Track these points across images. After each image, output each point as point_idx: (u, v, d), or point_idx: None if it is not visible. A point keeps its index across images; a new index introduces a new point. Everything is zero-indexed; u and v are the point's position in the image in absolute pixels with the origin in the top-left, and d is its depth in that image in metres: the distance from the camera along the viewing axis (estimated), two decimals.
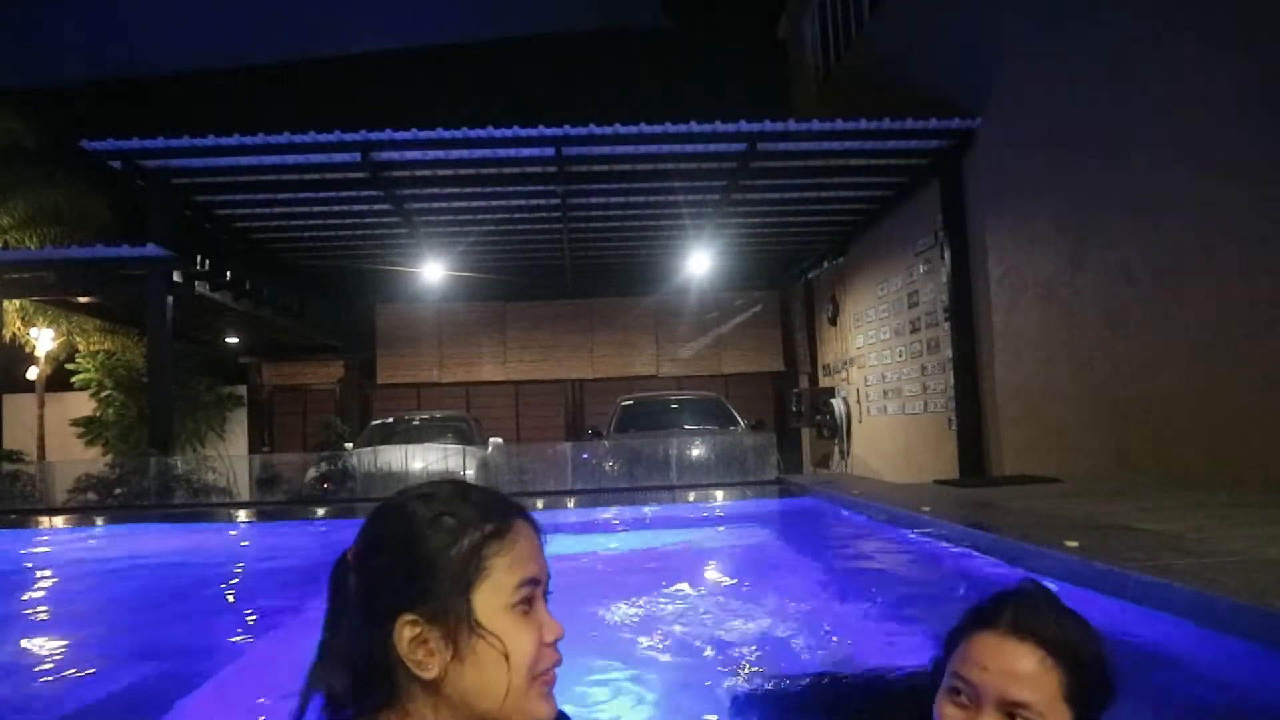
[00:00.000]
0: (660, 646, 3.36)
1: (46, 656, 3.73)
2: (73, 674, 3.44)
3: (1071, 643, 1.01)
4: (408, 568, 0.89)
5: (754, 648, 3.32)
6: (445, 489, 0.96)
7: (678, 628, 3.64)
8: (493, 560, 0.89)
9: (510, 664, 0.87)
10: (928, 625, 3.27)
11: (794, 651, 3.24)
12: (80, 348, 14.68)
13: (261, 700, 2.93)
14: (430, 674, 0.86)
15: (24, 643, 3.92)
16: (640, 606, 4.01)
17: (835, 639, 3.42)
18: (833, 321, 13.77)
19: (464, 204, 10.79)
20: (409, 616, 0.87)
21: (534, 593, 0.92)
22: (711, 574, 5.19)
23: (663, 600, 4.14)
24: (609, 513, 7.62)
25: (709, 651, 3.26)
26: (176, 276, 9.75)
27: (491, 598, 0.88)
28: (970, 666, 1.02)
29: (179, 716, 2.79)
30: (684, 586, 4.51)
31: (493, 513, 0.93)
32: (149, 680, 3.23)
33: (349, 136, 8.74)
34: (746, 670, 3.01)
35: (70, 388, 14.78)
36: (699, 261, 12.78)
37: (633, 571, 5.20)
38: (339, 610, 0.94)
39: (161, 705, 2.88)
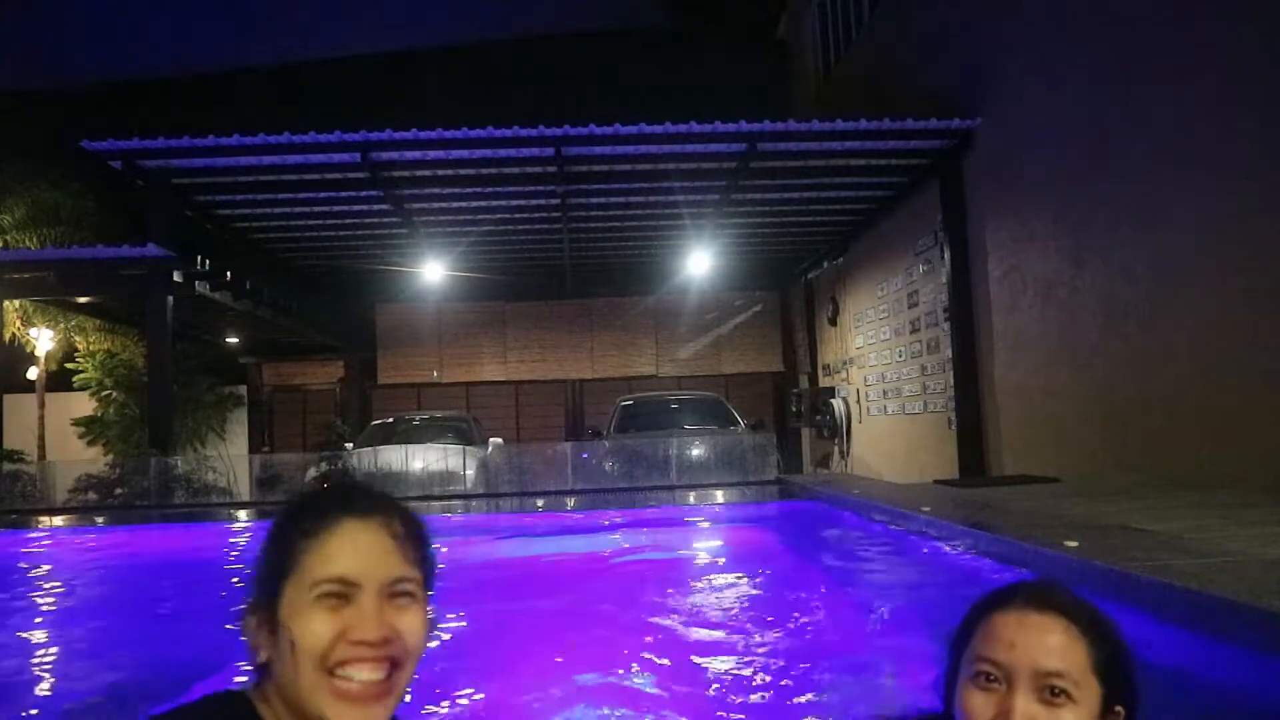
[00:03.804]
0: (658, 648, 3.36)
1: (46, 656, 3.73)
2: (72, 674, 3.44)
3: (1092, 614, 1.00)
4: (255, 564, 0.98)
5: (752, 649, 3.32)
6: (313, 491, 1.02)
7: (676, 629, 3.64)
8: (300, 557, 0.93)
9: (297, 651, 0.90)
10: (927, 626, 3.27)
11: (793, 654, 3.24)
12: (80, 348, 14.68)
13: None
14: (260, 659, 0.94)
15: (24, 643, 3.92)
16: (639, 608, 4.01)
17: (835, 641, 3.42)
18: (833, 321, 13.77)
19: (464, 204, 10.79)
20: (246, 607, 0.96)
21: (342, 591, 0.91)
22: (710, 575, 5.19)
23: (661, 602, 4.14)
24: (608, 513, 7.62)
25: (707, 653, 3.26)
26: (176, 276, 9.75)
27: (295, 593, 0.92)
28: (996, 646, 0.99)
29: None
30: (682, 588, 4.52)
31: (316, 511, 0.97)
32: (149, 680, 3.23)
33: (349, 136, 8.74)
34: (745, 676, 3.01)
35: (70, 388, 14.78)
36: (699, 261, 12.78)
37: (632, 573, 5.20)
38: None
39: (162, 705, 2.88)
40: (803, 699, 2.73)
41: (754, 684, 2.89)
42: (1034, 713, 0.95)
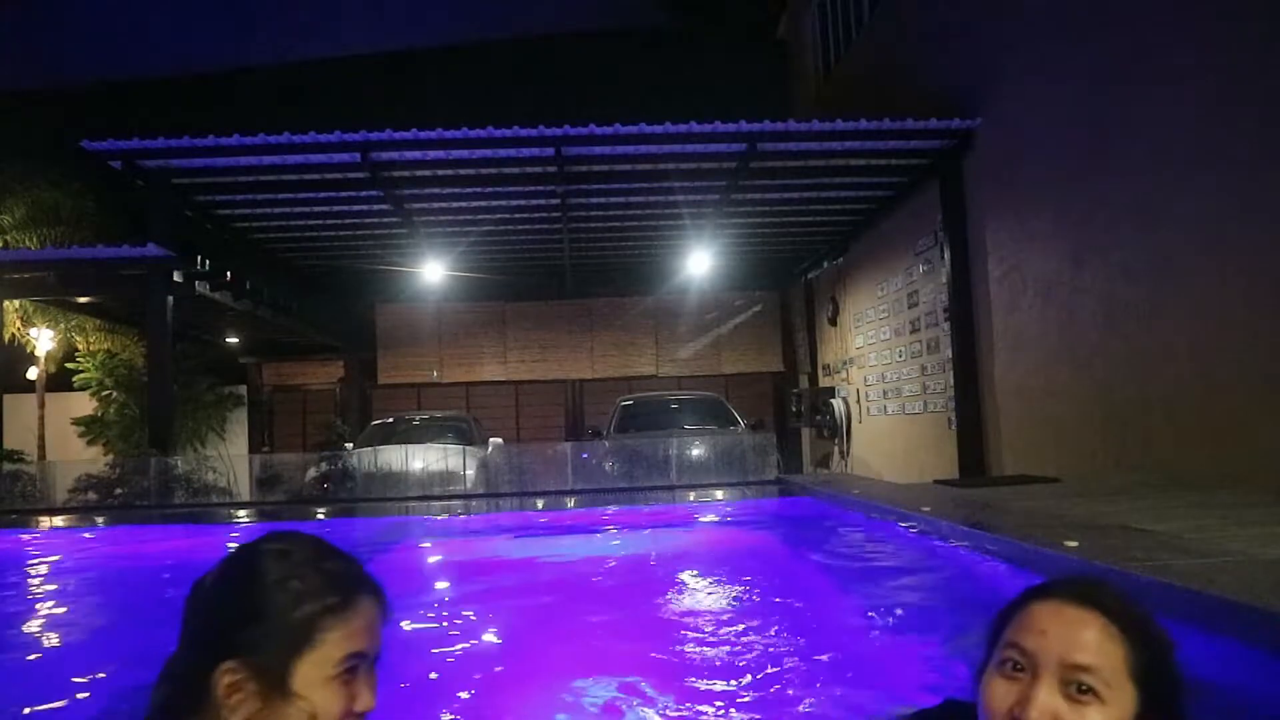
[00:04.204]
0: (656, 646, 3.36)
1: (45, 658, 3.73)
2: (72, 675, 3.44)
3: (1136, 616, 0.94)
4: (244, 619, 0.93)
5: (751, 647, 3.32)
6: (304, 549, 0.99)
7: (674, 628, 3.64)
8: (326, 634, 0.93)
9: None
10: (927, 626, 3.27)
11: (793, 653, 3.24)
12: (80, 348, 14.69)
13: None
14: (237, 716, 0.91)
15: (23, 644, 3.92)
16: (637, 607, 4.01)
17: (835, 642, 3.42)
18: (833, 321, 13.77)
19: (464, 204, 10.79)
20: (232, 664, 0.91)
21: (358, 665, 0.96)
22: (709, 574, 5.19)
23: (659, 601, 4.14)
24: (608, 513, 7.62)
25: (706, 651, 3.26)
26: (176, 276, 9.75)
27: (316, 667, 0.92)
28: (1026, 633, 0.94)
29: None
30: (680, 587, 4.52)
31: (338, 587, 0.96)
32: (147, 680, 3.23)
33: (349, 136, 8.74)
34: (745, 677, 3.01)
35: (70, 388, 14.79)
36: (699, 261, 12.78)
37: (630, 571, 5.20)
38: (184, 630, 0.98)
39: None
40: (802, 697, 2.73)
41: (753, 682, 2.89)
42: (1056, 706, 0.89)
